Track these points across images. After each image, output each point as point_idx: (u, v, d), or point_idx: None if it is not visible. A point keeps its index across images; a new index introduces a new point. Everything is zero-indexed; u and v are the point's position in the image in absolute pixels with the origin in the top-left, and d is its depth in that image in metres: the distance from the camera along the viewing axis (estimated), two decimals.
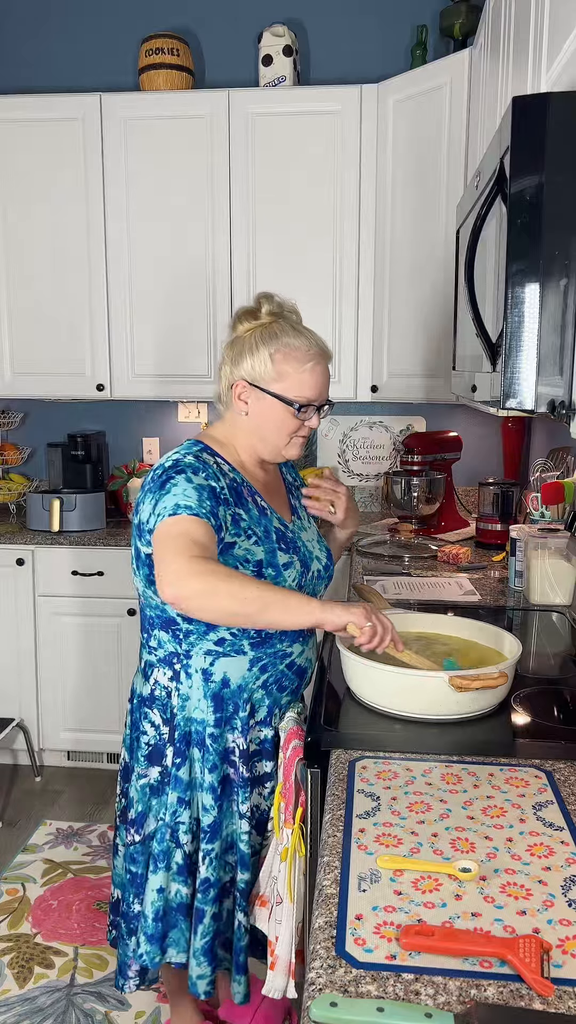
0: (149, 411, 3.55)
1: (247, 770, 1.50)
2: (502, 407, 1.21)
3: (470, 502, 3.35)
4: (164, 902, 1.50)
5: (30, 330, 3.20)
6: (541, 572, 2.11)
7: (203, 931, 1.49)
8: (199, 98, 3.00)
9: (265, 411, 1.51)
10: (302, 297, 3.05)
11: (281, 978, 1.30)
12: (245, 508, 1.48)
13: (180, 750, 1.49)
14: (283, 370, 1.49)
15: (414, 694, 1.35)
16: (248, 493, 1.51)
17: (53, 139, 3.08)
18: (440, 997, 0.79)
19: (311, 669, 1.60)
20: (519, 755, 1.28)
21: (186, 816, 1.49)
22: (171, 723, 1.51)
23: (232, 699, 1.49)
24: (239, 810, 1.50)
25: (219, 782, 1.48)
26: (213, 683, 1.48)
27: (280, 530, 1.53)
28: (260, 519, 1.50)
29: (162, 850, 1.49)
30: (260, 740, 1.52)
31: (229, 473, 1.50)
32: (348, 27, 3.23)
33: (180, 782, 1.49)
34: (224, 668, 1.48)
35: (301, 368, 1.49)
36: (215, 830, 1.48)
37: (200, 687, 1.49)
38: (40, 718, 3.14)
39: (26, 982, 2.08)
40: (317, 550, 1.61)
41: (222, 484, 1.45)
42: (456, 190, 2.67)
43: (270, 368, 1.49)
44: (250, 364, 1.50)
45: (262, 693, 1.51)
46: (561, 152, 1.12)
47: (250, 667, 1.49)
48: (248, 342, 1.51)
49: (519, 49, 1.64)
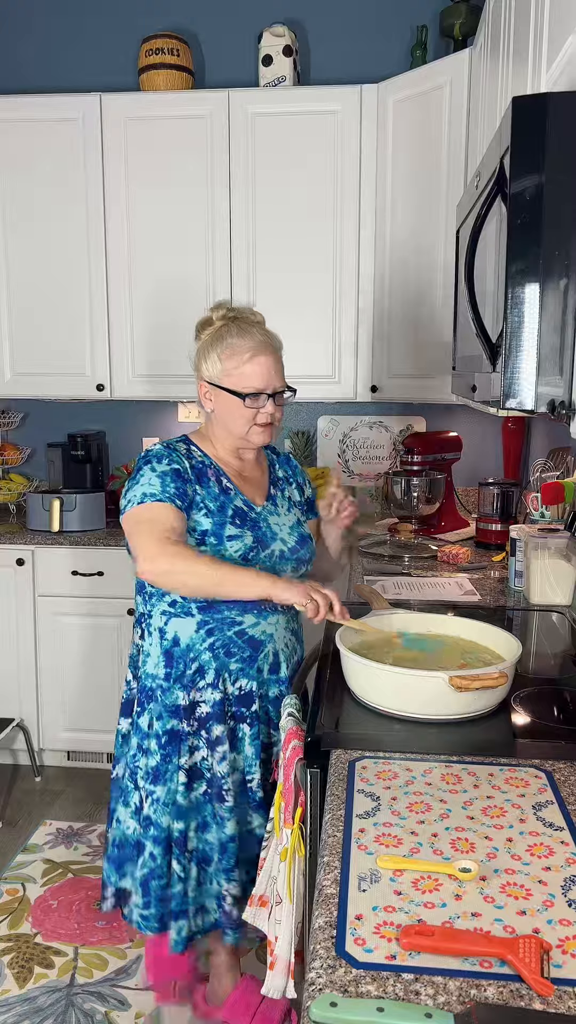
0: (149, 411, 3.55)
1: (192, 726, 1.66)
2: (502, 407, 1.21)
3: (470, 502, 3.35)
4: (120, 833, 1.73)
5: (30, 330, 3.20)
6: (541, 572, 2.11)
7: (142, 863, 1.67)
8: (199, 98, 3.00)
9: (223, 405, 1.69)
10: (302, 297, 3.05)
11: (281, 978, 1.30)
12: (205, 486, 1.68)
13: (141, 701, 1.70)
14: (228, 367, 1.67)
15: (414, 694, 1.35)
16: (213, 474, 1.71)
17: (53, 139, 3.08)
18: (440, 997, 0.79)
19: (269, 645, 1.71)
20: (519, 755, 1.28)
21: (142, 762, 1.69)
22: (137, 678, 1.73)
23: (181, 657, 1.67)
24: (177, 762, 1.66)
25: (164, 732, 1.66)
26: (166, 641, 1.68)
27: (240, 509, 1.70)
28: (218, 496, 1.68)
29: (123, 788, 1.73)
30: (212, 703, 1.66)
31: (199, 457, 1.72)
32: (348, 27, 3.23)
33: (139, 730, 1.70)
34: (175, 628, 1.67)
35: (241, 363, 1.67)
36: (157, 775, 1.66)
37: (157, 644, 1.69)
38: (40, 718, 3.14)
39: (26, 982, 2.08)
40: (285, 534, 1.75)
41: (186, 465, 1.66)
42: (456, 190, 2.67)
43: (219, 367, 1.68)
44: (206, 366, 1.71)
45: (209, 656, 1.66)
46: (561, 152, 1.12)
47: (197, 629, 1.66)
48: (203, 347, 1.72)
49: (519, 49, 1.64)
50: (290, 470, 1.90)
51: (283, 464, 1.90)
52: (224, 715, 1.67)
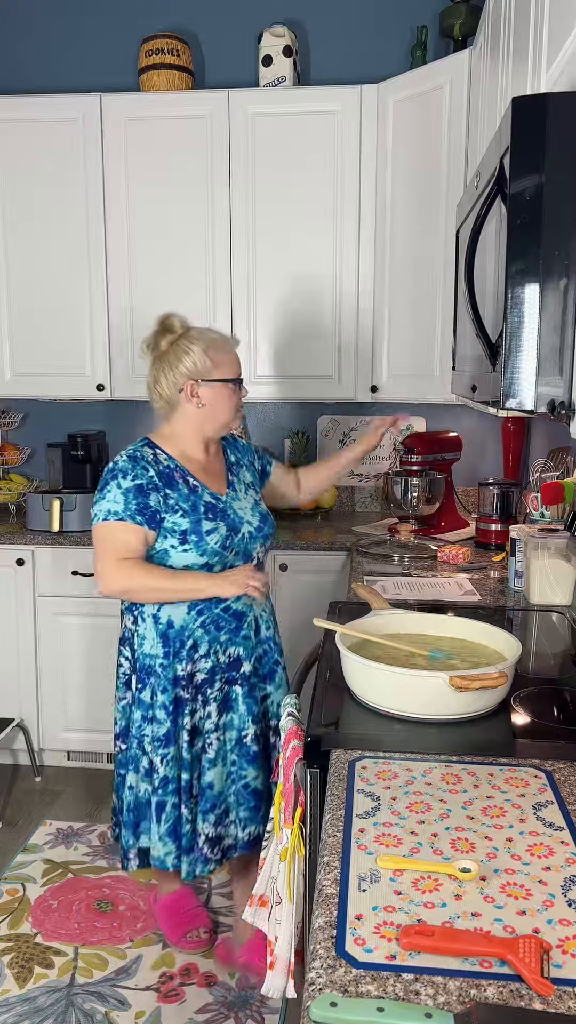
0: (149, 411, 3.54)
1: (192, 693, 1.90)
2: (502, 407, 1.21)
3: (470, 502, 3.35)
4: (134, 797, 1.95)
5: (30, 330, 3.20)
6: (541, 572, 2.11)
7: (165, 818, 1.92)
8: (199, 98, 3.00)
9: (215, 396, 1.88)
10: (302, 297, 3.05)
11: (281, 978, 1.30)
12: (175, 488, 1.86)
13: (141, 678, 1.92)
14: (217, 359, 1.88)
15: (414, 694, 1.35)
16: (180, 476, 1.88)
17: (53, 139, 3.08)
18: (440, 997, 0.79)
19: (249, 615, 1.96)
20: (519, 755, 1.28)
21: (149, 730, 1.91)
22: (134, 658, 1.94)
23: (177, 637, 1.89)
24: (184, 724, 1.90)
25: (170, 701, 1.89)
26: (160, 625, 1.89)
27: (210, 503, 1.89)
28: (189, 496, 1.87)
29: (132, 756, 1.94)
30: (203, 669, 1.91)
31: (165, 462, 1.88)
32: (348, 27, 3.23)
33: (143, 703, 1.92)
34: (168, 613, 1.88)
35: (226, 354, 1.90)
36: (168, 739, 1.90)
37: (152, 628, 1.90)
38: (40, 718, 3.14)
39: (26, 982, 2.08)
40: (249, 516, 1.95)
41: (151, 474, 1.83)
42: (456, 190, 2.67)
43: (208, 362, 1.86)
44: (190, 363, 1.85)
45: (201, 632, 1.89)
46: (561, 152, 1.12)
47: (188, 611, 1.88)
48: (179, 349, 1.86)
49: (519, 49, 1.64)
50: (239, 451, 2.09)
51: (232, 448, 2.08)
52: (216, 679, 1.91)
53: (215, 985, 2.07)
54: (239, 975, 2.09)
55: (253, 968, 2.07)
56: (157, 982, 2.08)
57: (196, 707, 1.91)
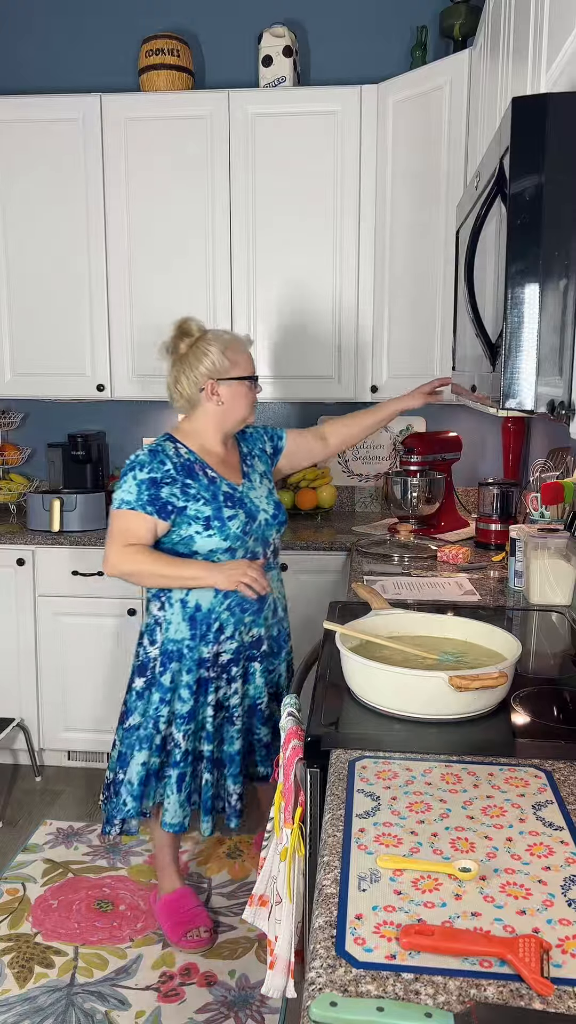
0: (149, 411, 3.55)
1: (216, 672, 2.05)
2: (502, 407, 1.21)
3: (470, 502, 3.35)
4: (145, 772, 2.08)
5: (30, 330, 3.20)
6: (541, 572, 2.11)
7: (184, 787, 2.07)
8: (199, 99, 3.00)
9: (233, 394, 2.03)
10: (302, 297, 3.05)
11: (280, 977, 1.30)
12: (195, 479, 2.00)
13: (164, 662, 2.04)
14: (235, 359, 2.03)
15: (414, 694, 1.35)
16: (200, 468, 2.02)
17: (53, 139, 3.08)
18: (440, 997, 0.79)
19: (270, 596, 2.12)
20: (519, 755, 1.28)
21: (165, 711, 2.05)
22: (159, 643, 2.05)
23: (204, 620, 2.02)
24: (208, 700, 2.05)
25: (194, 681, 2.04)
26: (188, 608, 2.02)
27: (228, 492, 2.03)
28: (209, 486, 2.01)
29: (147, 735, 2.06)
30: (229, 650, 2.05)
31: (185, 455, 2.02)
32: (348, 27, 3.23)
33: (162, 686, 2.05)
34: (196, 597, 2.02)
35: (243, 354, 2.05)
36: (191, 715, 2.04)
37: (179, 613, 2.03)
38: (40, 718, 3.14)
39: (26, 982, 2.08)
40: (264, 504, 2.10)
41: (168, 467, 1.98)
42: (456, 190, 2.67)
43: (226, 361, 2.01)
44: (209, 364, 2.00)
45: (227, 615, 2.03)
46: (561, 152, 1.12)
47: (215, 595, 2.01)
48: (198, 351, 2.01)
49: (519, 49, 1.64)
50: (250, 443, 2.22)
51: (244, 440, 2.21)
52: (240, 658, 2.07)
53: (215, 985, 2.07)
54: (239, 975, 2.09)
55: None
56: (157, 982, 2.08)
57: (220, 684, 2.06)
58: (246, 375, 2.05)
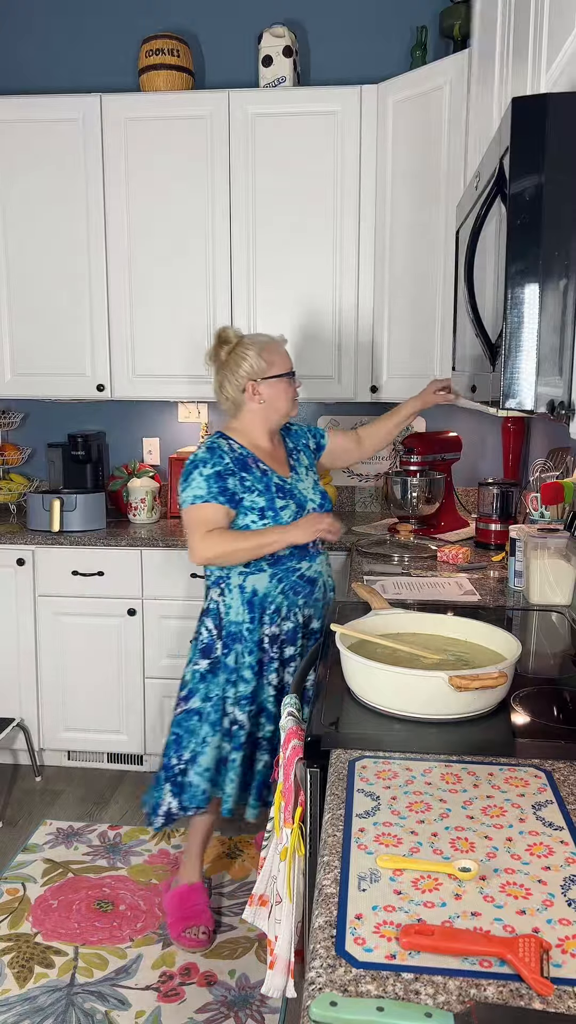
0: (149, 411, 3.55)
1: (276, 652, 2.15)
2: (502, 407, 1.21)
3: (470, 502, 3.35)
4: (217, 754, 2.14)
5: (30, 330, 3.20)
6: (541, 572, 2.11)
7: (242, 771, 2.14)
8: (199, 99, 3.00)
9: (273, 391, 2.17)
10: (302, 297, 3.05)
11: (280, 977, 1.30)
12: (250, 472, 2.14)
13: (227, 644, 2.16)
14: (271, 359, 2.16)
15: (414, 694, 1.35)
16: (252, 462, 2.16)
17: (53, 140, 3.08)
18: (440, 996, 0.79)
19: (320, 579, 2.23)
20: (519, 755, 1.28)
21: (232, 692, 2.14)
22: (220, 626, 2.16)
23: (260, 603, 2.14)
24: (270, 681, 2.15)
25: (256, 662, 2.14)
26: (246, 593, 2.14)
27: (279, 484, 2.17)
28: (262, 478, 2.15)
29: (215, 719, 2.14)
30: (286, 631, 2.16)
31: (238, 450, 2.16)
32: (348, 27, 3.23)
33: (227, 667, 2.15)
34: (253, 582, 2.14)
35: (278, 353, 2.19)
36: (253, 696, 2.14)
37: (238, 597, 2.15)
38: (40, 718, 3.14)
39: (26, 982, 2.08)
40: (311, 494, 2.23)
41: (227, 461, 2.12)
42: (456, 190, 2.67)
43: (262, 362, 2.15)
44: (248, 367, 2.14)
45: (281, 598, 2.15)
46: (561, 152, 1.12)
47: (270, 580, 2.14)
48: (237, 355, 2.16)
49: (519, 49, 1.64)
50: (295, 439, 2.34)
51: (289, 436, 2.33)
52: (297, 639, 2.17)
53: (215, 985, 2.07)
54: (239, 974, 2.09)
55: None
56: (157, 982, 2.08)
57: (278, 666, 2.16)
58: (283, 372, 2.17)
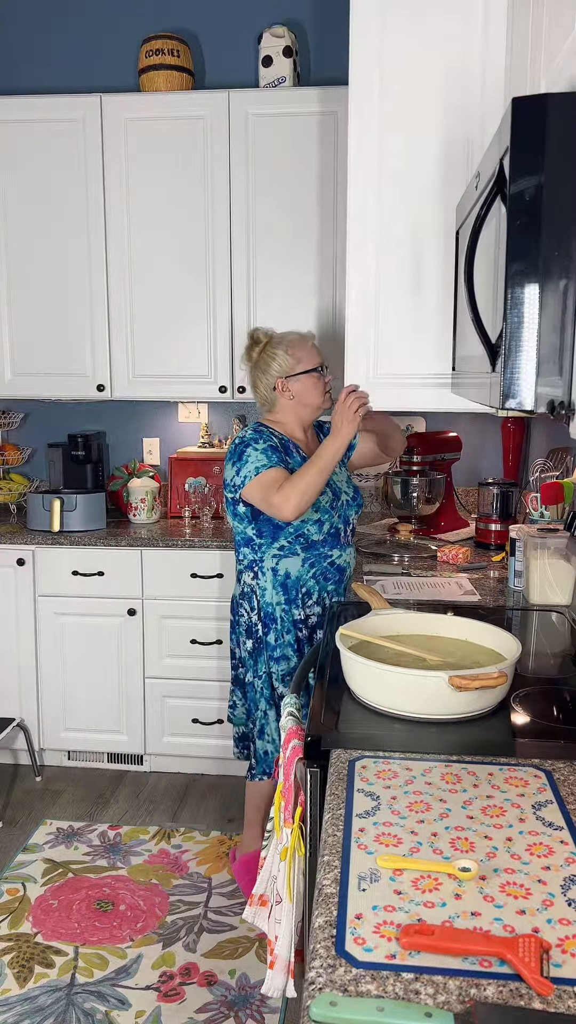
0: (149, 411, 3.55)
1: (307, 634, 2.26)
2: (502, 407, 1.21)
3: (470, 502, 3.35)
4: (276, 730, 2.23)
5: (31, 330, 3.20)
6: (541, 572, 2.11)
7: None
8: (199, 99, 3.00)
9: (303, 386, 2.27)
10: (302, 297, 3.05)
11: (280, 977, 1.30)
12: (291, 457, 2.24)
13: (266, 623, 2.26)
14: (298, 355, 2.26)
15: (414, 694, 1.35)
16: (293, 448, 2.27)
17: (53, 140, 3.08)
18: (440, 996, 0.79)
19: (349, 568, 2.32)
20: (519, 755, 1.28)
21: (276, 669, 2.25)
22: (257, 608, 2.26)
23: (293, 587, 2.24)
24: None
25: (294, 640, 2.26)
26: (279, 576, 2.24)
27: None
28: (301, 463, 2.23)
29: (268, 694, 2.27)
30: (318, 614, 2.26)
31: (279, 437, 2.26)
32: (348, 27, 3.23)
33: (269, 645, 2.26)
34: (286, 566, 2.24)
35: (305, 350, 2.27)
36: (293, 671, 2.23)
37: (271, 580, 2.24)
38: (40, 718, 3.14)
39: (26, 982, 2.08)
40: (344, 486, 2.34)
41: (274, 440, 2.22)
42: None
43: (290, 361, 2.25)
44: (278, 366, 2.25)
45: (313, 583, 2.25)
46: (561, 152, 1.12)
47: (302, 564, 2.23)
48: (267, 355, 2.27)
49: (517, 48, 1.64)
50: (327, 435, 2.35)
51: (323, 433, 2.42)
52: (325, 622, 2.13)
53: (215, 984, 2.07)
54: (239, 974, 2.09)
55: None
56: (157, 981, 2.08)
57: (308, 648, 2.24)
58: (310, 368, 2.25)
